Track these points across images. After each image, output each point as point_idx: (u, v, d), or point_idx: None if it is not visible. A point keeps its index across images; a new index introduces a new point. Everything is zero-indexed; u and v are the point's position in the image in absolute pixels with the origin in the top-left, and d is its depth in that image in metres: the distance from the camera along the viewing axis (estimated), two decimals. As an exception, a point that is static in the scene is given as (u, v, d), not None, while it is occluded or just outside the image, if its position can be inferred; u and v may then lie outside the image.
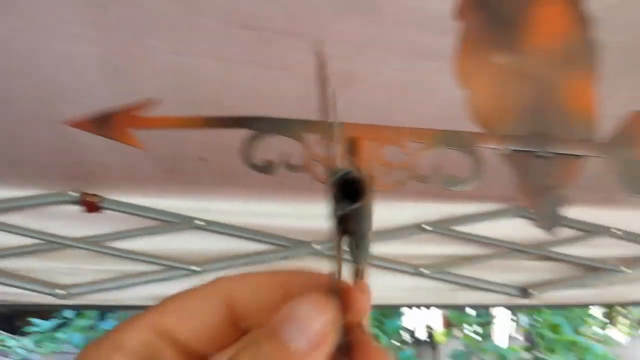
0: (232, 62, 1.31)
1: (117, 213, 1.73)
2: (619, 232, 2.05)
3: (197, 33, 1.17)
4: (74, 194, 1.68)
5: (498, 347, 3.42)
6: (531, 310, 3.50)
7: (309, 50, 0.93)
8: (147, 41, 1.18)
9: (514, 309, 3.84)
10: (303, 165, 0.64)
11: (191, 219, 1.76)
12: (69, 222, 1.71)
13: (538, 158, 0.57)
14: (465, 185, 0.59)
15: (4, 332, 4.80)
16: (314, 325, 0.27)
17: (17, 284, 1.67)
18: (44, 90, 1.28)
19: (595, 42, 0.57)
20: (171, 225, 1.76)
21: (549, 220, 0.57)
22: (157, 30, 1.14)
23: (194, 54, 1.21)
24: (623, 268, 2.06)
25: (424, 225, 1.84)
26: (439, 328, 4.67)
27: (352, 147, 0.65)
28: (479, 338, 3.51)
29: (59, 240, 1.70)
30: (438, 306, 3.24)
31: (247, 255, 1.76)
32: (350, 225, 0.47)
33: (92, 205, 1.70)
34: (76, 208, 1.70)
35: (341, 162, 0.65)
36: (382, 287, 1.91)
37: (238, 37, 1.21)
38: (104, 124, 0.54)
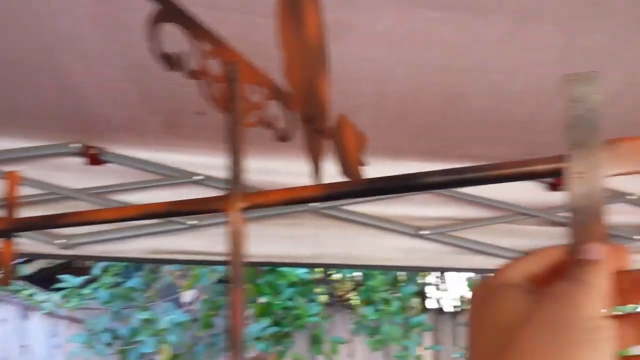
0: None
1: (118, 166, 1.75)
2: (635, 199, 1.98)
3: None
4: (75, 145, 1.70)
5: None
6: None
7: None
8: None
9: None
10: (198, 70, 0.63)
11: (191, 173, 1.77)
12: (71, 174, 1.73)
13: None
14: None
15: (37, 287, 4.98)
16: (603, 249, 0.44)
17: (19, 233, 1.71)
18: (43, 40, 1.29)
19: None
20: (171, 179, 1.77)
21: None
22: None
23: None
24: (636, 237, 2.00)
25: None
26: (462, 298, 4.65)
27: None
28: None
29: (61, 192, 1.72)
30: (437, 269, 3.21)
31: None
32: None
33: (93, 158, 1.73)
34: (78, 160, 1.73)
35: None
36: (380, 248, 1.90)
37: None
38: None
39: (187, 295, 4.32)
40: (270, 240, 1.86)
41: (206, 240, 1.74)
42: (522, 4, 1.11)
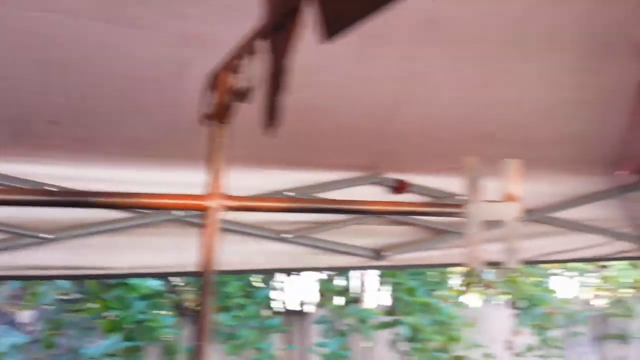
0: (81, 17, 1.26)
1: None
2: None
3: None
4: None
5: (359, 310, 3.62)
6: (387, 272, 3.73)
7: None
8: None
9: (367, 269, 4.05)
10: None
11: (41, 184, 1.68)
12: None
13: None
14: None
15: None
16: None
17: None
18: None
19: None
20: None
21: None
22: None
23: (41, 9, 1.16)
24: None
25: (285, 193, 1.89)
26: (313, 298, 4.81)
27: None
28: (344, 304, 3.68)
29: None
30: (299, 269, 3.34)
31: (101, 223, 1.71)
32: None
33: None
34: None
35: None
36: (244, 253, 1.95)
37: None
38: None
39: (25, 316, 3.98)
40: (133, 251, 1.82)
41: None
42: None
